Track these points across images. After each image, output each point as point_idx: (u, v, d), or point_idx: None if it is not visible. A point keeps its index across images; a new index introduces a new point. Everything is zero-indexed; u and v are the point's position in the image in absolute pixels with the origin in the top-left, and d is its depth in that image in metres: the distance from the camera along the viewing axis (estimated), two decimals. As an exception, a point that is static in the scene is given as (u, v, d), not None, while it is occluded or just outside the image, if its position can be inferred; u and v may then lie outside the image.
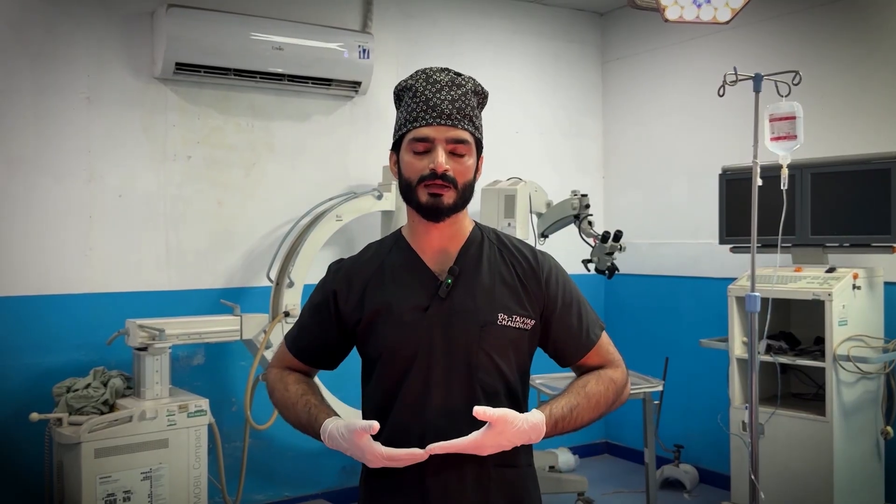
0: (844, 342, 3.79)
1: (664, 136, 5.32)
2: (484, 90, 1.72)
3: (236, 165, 4.33)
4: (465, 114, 1.64)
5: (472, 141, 1.65)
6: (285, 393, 1.74)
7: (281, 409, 1.76)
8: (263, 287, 4.26)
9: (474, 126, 1.66)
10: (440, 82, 1.64)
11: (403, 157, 1.65)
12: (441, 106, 1.61)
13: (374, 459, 1.53)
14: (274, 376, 1.80)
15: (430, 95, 1.62)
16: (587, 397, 1.66)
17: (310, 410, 1.67)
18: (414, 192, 1.63)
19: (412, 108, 1.63)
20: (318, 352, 1.79)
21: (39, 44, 3.80)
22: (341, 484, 4.63)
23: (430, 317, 1.64)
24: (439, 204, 1.61)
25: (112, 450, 3.31)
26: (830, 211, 4.00)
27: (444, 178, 1.60)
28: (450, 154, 1.62)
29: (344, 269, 1.76)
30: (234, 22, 4.06)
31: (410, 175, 1.63)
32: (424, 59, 4.94)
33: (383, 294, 1.67)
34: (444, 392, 1.61)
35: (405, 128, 1.64)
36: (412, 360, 1.63)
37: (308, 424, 1.66)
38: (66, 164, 3.87)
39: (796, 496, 3.88)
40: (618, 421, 5.57)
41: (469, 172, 1.65)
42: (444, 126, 1.61)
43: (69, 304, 3.86)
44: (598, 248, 4.26)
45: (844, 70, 4.32)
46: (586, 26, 5.70)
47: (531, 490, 1.73)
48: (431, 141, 1.61)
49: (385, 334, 1.65)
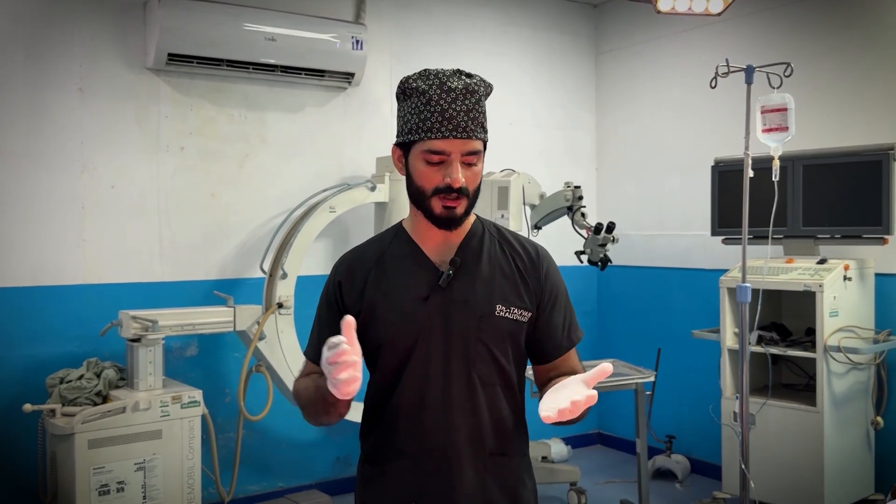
0: (835, 333, 3.81)
1: (657, 127, 5.33)
2: (490, 85, 1.71)
3: (229, 157, 4.33)
4: (478, 123, 1.64)
5: (482, 147, 1.66)
6: (301, 386, 1.70)
7: (303, 405, 1.69)
8: (257, 278, 4.26)
9: (485, 132, 1.67)
10: (455, 91, 1.61)
11: (415, 165, 1.64)
12: (457, 118, 1.60)
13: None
14: (294, 387, 1.76)
15: (446, 106, 1.60)
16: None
17: (317, 383, 1.61)
18: (427, 201, 1.63)
19: (425, 116, 1.60)
20: None
21: (32, 35, 3.79)
22: (335, 474, 4.65)
23: (429, 306, 1.65)
24: (453, 216, 1.64)
25: (105, 441, 3.32)
26: (822, 202, 4.02)
27: (460, 191, 1.61)
28: (463, 164, 1.62)
29: (346, 261, 1.76)
30: (226, 12, 4.05)
31: (424, 184, 1.63)
32: (418, 50, 4.94)
33: (384, 284, 1.68)
34: (443, 381, 1.62)
35: (418, 135, 1.61)
36: (412, 349, 1.64)
37: (319, 388, 1.57)
38: (59, 155, 3.86)
39: (787, 486, 3.91)
40: (610, 411, 5.59)
41: (479, 178, 1.67)
42: (460, 139, 1.60)
43: (62, 296, 3.85)
44: (590, 239, 4.27)
45: (836, 62, 4.33)
46: (580, 18, 5.70)
47: (525, 479, 1.75)
48: (448, 154, 1.61)
49: (385, 323, 1.66)
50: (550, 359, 1.76)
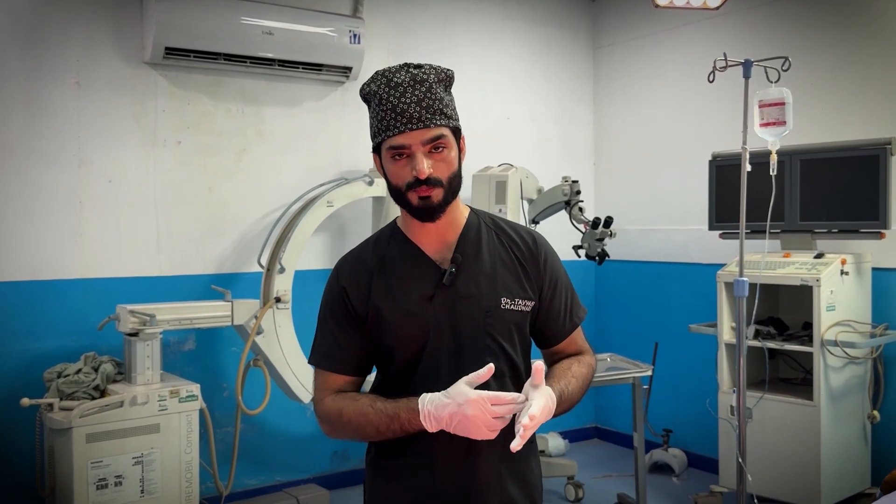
0: (832, 327, 3.82)
1: (655, 122, 5.33)
2: (447, 73, 1.67)
3: (227, 151, 4.32)
4: (434, 109, 1.61)
5: (449, 132, 1.64)
6: (352, 409, 1.63)
7: (354, 427, 1.64)
8: (254, 273, 4.26)
9: (447, 117, 1.63)
10: (402, 84, 1.60)
11: (386, 165, 1.65)
12: (409, 111, 1.59)
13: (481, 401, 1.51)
14: (329, 404, 1.68)
15: (396, 101, 1.60)
16: (575, 378, 1.70)
17: (386, 410, 1.60)
18: (404, 196, 1.64)
19: (381, 116, 1.62)
20: (358, 354, 1.71)
21: (29, 29, 3.78)
22: (333, 469, 4.65)
23: (435, 305, 1.66)
24: (430, 205, 1.63)
25: (103, 435, 3.32)
26: (819, 197, 4.02)
27: (429, 181, 1.61)
28: (429, 153, 1.61)
29: (347, 265, 1.75)
30: (224, 6, 4.04)
31: (397, 182, 1.64)
32: (416, 44, 4.93)
33: (388, 287, 1.68)
34: (454, 377, 1.62)
35: (379, 136, 1.63)
36: (422, 349, 1.65)
37: (393, 416, 1.58)
38: (56, 149, 3.85)
39: (784, 480, 3.92)
40: (607, 405, 5.60)
41: (453, 164, 1.65)
42: (416, 130, 1.59)
43: (59, 290, 3.85)
44: (588, 234, 4.28)
45: (834, 56, 4.33)
46: (578, 12, 5.70)
47: (533, 465, 1.78)
48: (408, 147, 1.60)
49: (393, 325, 1.66)
50: (555, 343, 1.79)
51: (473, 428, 1.51)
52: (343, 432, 1.67)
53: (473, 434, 1.52)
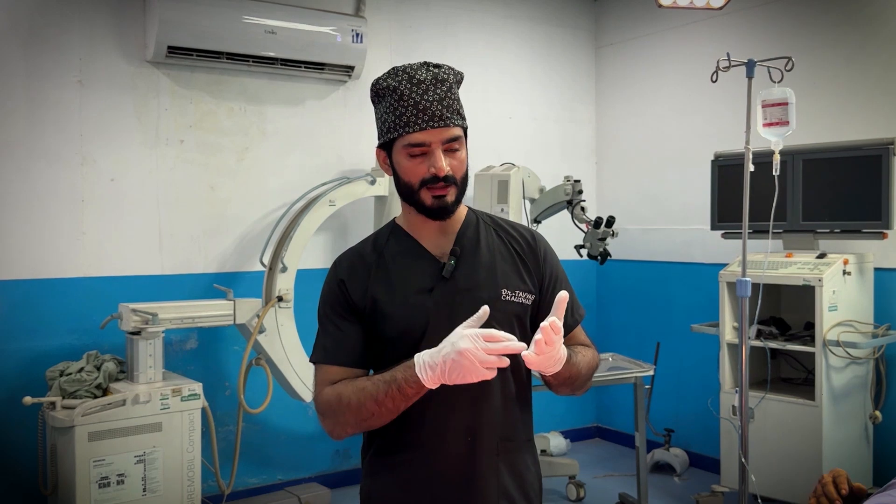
0: (834, 327, 3.82)
1: (657, 121, 5.33)
2: (460, 73, 1.71)
3: (229, 150, 4.32)
4: (453, 109, 1.64)
5: (462, 133, 1.67)
6: (348, 390, 1.60)
7: (354, 406, 1.59)
8: (256, 272, 4.26)
9: (462, 118, 1.67)
10: (425, 82, 1.62)
11: (400, 161, 1.65)
12: (431, 108, 1.61)
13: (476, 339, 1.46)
14: (328, 392, 1.64)
15: (419, 98, 1.61)
16: (582, 355, 1.72)
17: (383, 377, 1.56)
18: (417, 194, 1.65)
19: (401, 111, 1.62)
20: (357, 345, 1.68)
21: (31, 28, 3.78)
22: (334, 467, 4.66)
23: (435, 298, 1.67)
24: (444, 204, 1.65)
25: (105, 433, 3.32)
26: (822, 197, 4.02)
27: (446, 179, 1.63)
28: (445, 152, 1.63)
29: (346, 259, 1.76)
30: (226, 5, 4.04)
31: (411, 179, 1.64)
32: (418, 43, 4.93)
33: (387, 280, 1.69)
34: None
35: (397, 132, 1.63)
36: (420, 342, 1.64)
37: (390, 380, 1.54)
38: (59, 148, 3.86)
39: (785, 480, 3.92)
40: (609, 405, 5.60)
41: (464, 164, 1.68)
42: (438, 128, 1.61)
43: (62, 289, 3.85)
44: (590, 233, 4.28)
45: (837, 56, 4.32)
46: (580, 11, 5.69)
47: (530, 464, 1.78)
48: (428, 145, 1.62)
49: (392, 318, 1.66)
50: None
51: (468, 365, 1.44)
52: (343, 419, 1.62)
53: (469, 376, 1.45)
